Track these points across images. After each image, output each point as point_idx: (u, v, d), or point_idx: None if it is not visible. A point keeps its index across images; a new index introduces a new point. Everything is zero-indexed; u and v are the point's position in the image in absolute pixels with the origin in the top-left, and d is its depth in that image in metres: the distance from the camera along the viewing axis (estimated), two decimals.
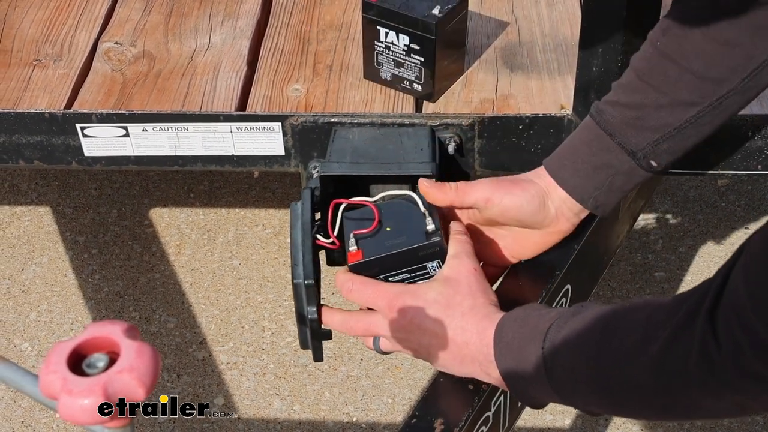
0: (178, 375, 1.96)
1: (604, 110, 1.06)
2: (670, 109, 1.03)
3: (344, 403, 1.91)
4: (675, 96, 1.03)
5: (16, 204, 2.31)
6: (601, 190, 1.06)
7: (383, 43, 1.32)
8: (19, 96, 1.37)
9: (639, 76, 1.05)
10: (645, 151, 1.04)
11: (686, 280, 2.09)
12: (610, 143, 1.05)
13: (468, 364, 0.99)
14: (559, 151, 1.09)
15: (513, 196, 1.05)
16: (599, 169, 1.05)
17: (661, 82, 1.03)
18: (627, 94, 1.05)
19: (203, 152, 1.34)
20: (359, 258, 1.02)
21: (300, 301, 1.03)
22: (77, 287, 2.12)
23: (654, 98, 1.03)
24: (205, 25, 1.50)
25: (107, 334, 0.62)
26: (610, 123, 1.05)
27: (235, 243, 2.21)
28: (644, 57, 1.05)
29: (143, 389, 0.61)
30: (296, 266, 1.03)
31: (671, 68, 1.02)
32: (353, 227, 1.04)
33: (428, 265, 1.03)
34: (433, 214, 1.04)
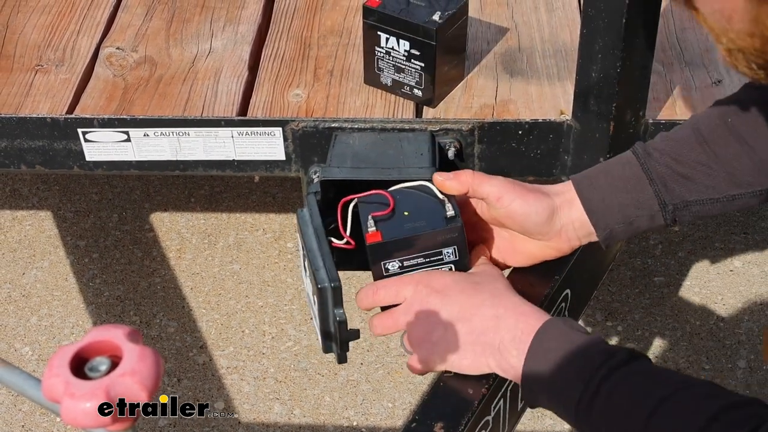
0: (178, 379, 1.96)
1: (652, 155, 1.06)
2: (718, 180, 1.05)
3: (344, 408, 1.92)
4: (729, 171, 1.04)
5: (17, 208, 2.32)
6: (619, 226, 1.07)
7: (384, 48, 1.33)
8: (21, 101, 1.38)
9: (699, 139, 1.06)
10: (676, 207, 1.06)
11: (685, 284, 2.10)
12: (647, 188, 1.05)
13: (482, 351, 0.99)
14: (592, 174, 1.08)
15: (524, 202, 1.05)
16: (627, 207, 1.06)
17: (721, 153, 1.04)
18: (680, 149, 1.06)
19: (204, 157, 1.34)
20: (378, 239, 1.02)
21: (326, 305, 1.03)
22: (78, 291, 2.13)
23: (707, 164, 1.05)
24: (207, 31, 1.50)
25: (110, 337, 0.63)
26: (654, 170, 1.05)
27: (235, 247, 2.21)
28: (709, 124, 1.06)
29: (146, 392, 0.61)
30: (318, 271, 1.03)
31: (735, 145, 1.04)
32: (371, 210, 1.04)
33: (444, 251, 1.04)
34: (451, 201, 1.05)
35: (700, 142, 1.06)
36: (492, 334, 0.98)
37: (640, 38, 1.19)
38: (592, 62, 1.21)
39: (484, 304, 0.99)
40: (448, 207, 1.04)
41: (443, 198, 1.05)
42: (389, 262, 1.03)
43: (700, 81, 1.39)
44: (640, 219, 1.06)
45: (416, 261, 1.03)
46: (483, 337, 0.98)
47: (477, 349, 0.99)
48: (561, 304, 1.25)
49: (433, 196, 1.06)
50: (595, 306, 2.06)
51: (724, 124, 1.05)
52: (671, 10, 1.51)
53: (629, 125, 1.26)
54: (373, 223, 1.03)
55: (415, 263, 1.03)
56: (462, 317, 0.99)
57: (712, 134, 1.06)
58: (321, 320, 1.04)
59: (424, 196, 1.07)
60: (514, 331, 0.96)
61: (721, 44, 0.74)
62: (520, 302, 1.00)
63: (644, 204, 1.06)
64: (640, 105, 1.25)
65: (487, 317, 0.98)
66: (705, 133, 1.06)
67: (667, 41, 1.46)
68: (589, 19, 1.18)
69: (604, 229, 1.07)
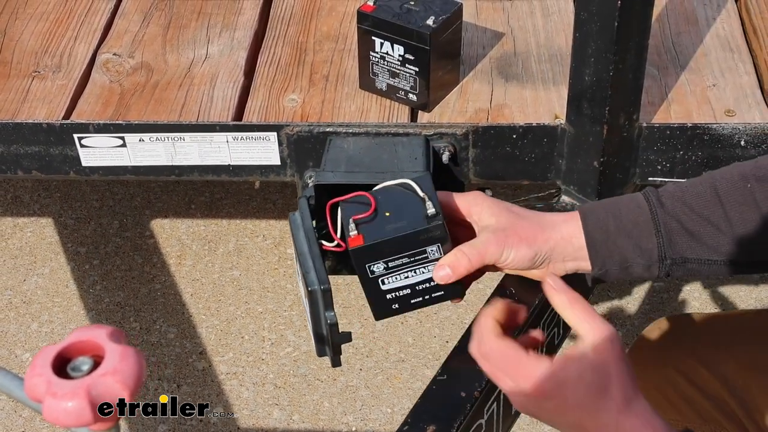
0: (178, 385, 1.96)
1: (664, 205, 1.05)
2: (722, 243, 1.04)
3: (343, 413, 1.92)
4: (736, 236, 1.03)
5: (18, 215, 2.33)
6: (614, 268, 1.06)
7: (378, 53, 1.33)
8: (18, 107, 1.38)
9: (714, 198, 1.04)
10: (674, 261, 1.05)
11: (685, 290, 2.09)
12: (652, 239, 1.05)
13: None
14: (600, 213, 1.06)
15: (518, 253, 1.04)
16: (627, 251, 1.05)
17: (734, 217, 1.03)
18: (694, 205, 1.05)
19: (200, 162, 1.35)
20: (360, 243, 1.02)
21: (317, 308, 1.03)
22: (78, 298, 2.13)
23: (716, 225, 1.04)
24: (203, 37, 1.51)
25: (92, 337, 0.63)
26: (663, 221, 1.04)
27: (235, 253, 2.22)
28: (728, 185, 1.05)
29: (127, 392, 0.61)
30: (308, 274, 1.03)
31: (750, 212, 1.03)
32: (352, 213, 1.04)
33: (428, 249, 1.03)
34: (432, 199, 1.04)
35: (715, 201, 1.04)
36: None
37: (633, 42, 1.19)
38: (585, 66, 1.21)
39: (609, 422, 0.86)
40: (428, 205, 1.03)
41: (423, 196, 1.04)
42: (374, 264, 1.03)
43: (695, 85, 1.39)
44: (636, 266, 1.06)
45: (401, 261, 1.03)
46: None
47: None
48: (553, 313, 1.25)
49: (414, 194, 1.05)
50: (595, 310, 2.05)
51: (744, 188, 1.04)
52: (666, 14, 1.51)
53: (623, 129, 1.26)
54: (355, 227, 1.03)
55: (400, 264, 1.03)
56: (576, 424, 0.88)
57: (729, 196, 1.04)
58: (313, 323, 1.04)
59: (405, 195, 1.06)
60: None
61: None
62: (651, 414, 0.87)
63: (645, 253, 1.05)
64: (633, 109, 1.25)
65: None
66: (722, 194, 1.05)
67: (662, 45, 1.46)
68: (581, 23, 1.19)
69: (600, 268, 1.06)
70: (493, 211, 1.06)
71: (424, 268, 1.05)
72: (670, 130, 1.29)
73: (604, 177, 1.29)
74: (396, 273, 1.04)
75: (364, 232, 1.02)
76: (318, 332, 1.05)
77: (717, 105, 1.35)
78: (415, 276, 1.05)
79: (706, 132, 1.29)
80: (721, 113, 1.33)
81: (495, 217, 1.06)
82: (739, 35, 1.48)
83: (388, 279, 1.05)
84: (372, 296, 1.06)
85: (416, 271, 1.05)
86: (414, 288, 1.06)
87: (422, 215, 1.03)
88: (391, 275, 1.05)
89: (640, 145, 1.30)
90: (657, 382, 1.29)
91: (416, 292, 1.07)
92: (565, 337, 1.31)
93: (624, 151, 1.29)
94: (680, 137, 1.30)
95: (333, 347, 1.05)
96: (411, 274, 1.05)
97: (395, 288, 1.06)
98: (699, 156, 1.31)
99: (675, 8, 1.53)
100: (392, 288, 1.06)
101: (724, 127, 1.29)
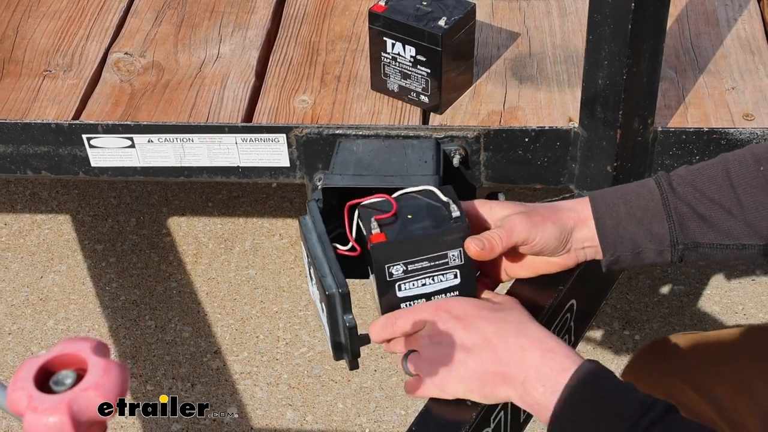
0: (192, 384, 1.96)
1: (675, 190, 1.04)
2: (734, 227, 1.03)
3: (357, 415, 1.90)
4: (748, 219, 1.03)
5: (36, 212, 2.33)
6: (626, 254, 1.05)
7: (390, 54, 1.32)
8: (28, 106, 1.38)
9: (726, 181, 1.03)
10: (686, 246, 1.04)
11: (705, 293, 2.06)
12: (664, 224, 1.03)
13: (503, 381, 0.96)
14: (610, 198, 1.06)
15: (545, 233, 1.03)
16: (638, 237, 1.04)
17: (746, 200, 1.02)
18: (705, 188, 1.04)
19: (209, 163, 1.34)
20: (382, 239, 1.00)
21: (334, 312, 1.01)
22: (95, 295, 2.13)
23: (728, 209, 1.03)
24: (215, 36, 1.50)
25: (76, 351, 0.62)
26: (674, 206, 1.03)
27: (251, 252, 2.21)
28: (740, 168, 1.04)
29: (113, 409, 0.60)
30: (325, 278, 1.01)
31: (765, 197, 1.02)
32: (374, 214, 1.02)
33: (450, 254, 1.01)
34: (456, 202, 1.02)
35: (727, 185, 1.03)
36: (516, 367, 0.95)
37: (648, 45, 1.16)
38: (599, 69, 1.19)
39: (509, 333, 0.97)
40: (453, 208, 1.01)
41: (447, 200, 1.03)
42: (393, 265, 1.01)
43: (713, 88, 1.36)
44: (648, 251, 1.05)
45: (421, 265, 1.01)
46: (506, 368, 0.96)
47: (498, 379, 0.96)
48: (566, 315, 1.23)
49: (437, 200, 1.04)
50: (613, 314, 2.03)
51: (756, 170, 1.03)
52: (686, 15, 1.49)
53: (637, 133, 1.24)
54: (377, 226, 1.01)
55: (420, 267, 1.01)
56: (486, 346, 0.97)
57: (741, 179, 1.03)
58: (331, 327, 1.03)
59: (427, 201, 1.05)
60: (540, 368, 0.94)
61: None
62: (545, 335, 0.97)
63: (656, 238, 1.04)
64: (648, 113, 1.23)
65: (513, 348, 0.96)
66: (734, 177, 1.03)
67: (681, 46, 1.43)
68: (594, 25, 1.16)
69: (612, 254, 1.05)
70: (504, 205, 1.06)
71: (442, 276, 1.03)
72: (686, 135, 1.27)
73: (617, 182, 1.26)
74: (414, 278, 1.02)
75: (386, 231, 1.01)
76: (336, 336, 1.03)
77: (735, 108, 1.32)
78: (433, 284, 1.04)
79: (723, 137, 1.27)
80: (740, 117, 1.30)
81: (508, 208, 1.05)
82: (761, 36, 1.45)
83: (405, 285, 1.03)
84: (385, 303, 1.04)
85: (434, 278, 1.03)
86: (430, 299, 1.04)
87: (446, 217, 1.01)
88: (408, 280, 1.03)
89: (655, 150, 1.28)
90: None
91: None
92: (576, 344, 1.29)
93: (638, 155, 1.26)
94: (696, 142, 1.27)
95: (351, 350, 1.03)
96: (429, 281, 1.03)
97: (411, 296, 1.04)
98: None
99: (695, 8, 1.50)
100: (408, 296, 1.04)
101: (741, 132, 1.26)
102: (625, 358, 1.95)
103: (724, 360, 1.26)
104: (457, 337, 0.98)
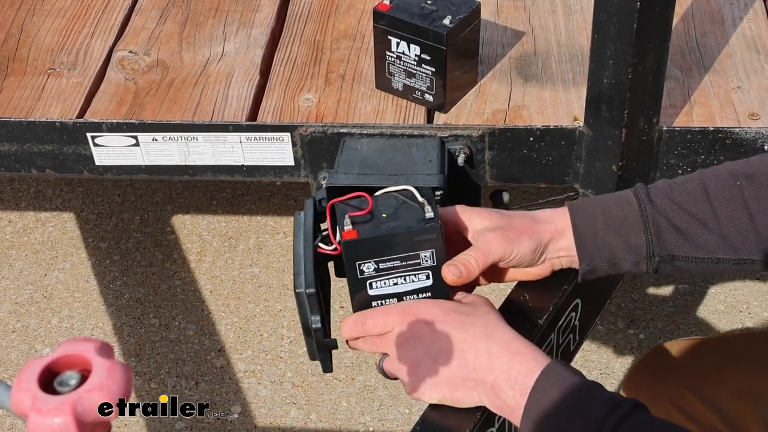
0: (196, 382, 1.96)
1: (654, 202, 1.05)
2: (710, 240, 1.04)
3: (361, 413, 1.90)
4: (723, 234, 1.04)
5: (40, 210, 2.33)
6: (602, 264, 1.06)
7: (394, 53, 1.31)
8: (32, 105, 1.38)
9: (703, 195, 1.05)
10: (662, 258, 1.05)
11: (710, 292, 2.06)
12: (641, 236, 1.04)
13: (474, 386, 0.97)
14: (589, 209, 1.07)
15: (520, 248, 1.04)
16: (615, 248, 1.05)
17: (722, 214, 1.03)
18: (682, 202, 1.05)
19: (213, 162, 1.34)
20: (354, 236, 1.00)
21: (304, 311, 1.02)
22: (99, 293, 2.14)
23: (704, 222, 1.04)
24: (220, 34, 1.50)
25: (80, 351, 0.62)
26: (652, 218, 1.04)
27: (255, 251, 2.21)
28: (717, 183, 1.05)
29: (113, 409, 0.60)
30: (298, 276, 1.03)
31: (737, 210, 1.03)
32: (348, 211, 1.03)
33: (422, 254, 1.02)
34: (431, 203, 1.03)
35: (704, 198, 1.05)
36: (485, 372, 0.96)
37: (653, 44, 1.16)
38: (604, 68, 1.18)
39: (477, 339, 0.97)
40: (427, 209, 1.02)
41: (422, 201, 1.03)
42: (364, 263, 1.01)
43: (718, 87, 1.35)
44: (624, 262, 1.06)
45: (392, 264, 1.02)
46: (474, 374, 0.96)
47: (468, 384, 0.97)
48: (571, 314, 1.23)
49: (414, 200, 1.04)
50: (617, 313, 2.03)
51: (733, 185, 1.04)
52: (692, 13, 1.48)
53: (642, 132, 1.23)
54: (350, 223, 1.01)
55: (391, 266, 1.02)
56: (453, 351, 0.97)
57: (717, 193, 1.04)
58: (303, 327, 1.03)
59: (404, 201, 1.05)
60: (509, 372, 0.95)
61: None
62: (512, 338, 0.98)
63: (633, 250, 1.05)
64: (653, 112, 1.23)
65: (480, 353, 0.96)
66: (711, 191, 1.05)
67: (686, 45, 1.43)
68: (599, 24, 1.16)
69: (588, 264, 1.06)
70: (483, 215, 1.06)
71: (414, 276, 1.03)
72: (691, 134, 1.27)
73: (622, 181, 1.26)
74: (386, 277, 1.02)
75: (359, 228, 1.01)
76: (308, 335, 1.04)
77: (741, 108, 1.32)
78: (404, 284, 1.04)
79: (729, 136, 1.26)
80: (745, 116, 1.30)
81: (486, 220, 1.06)
82: (767, 36, 1.44)
83: (377, 283, 1.03)
84: (357, 300, 1.05)
85: (406, 278, 1.03)
86: (401, 298, 1.04)
87: (420, 218, 1.02)
88: (380, 278, 1.03)
89: (661, 149, 1.27)
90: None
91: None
92: (580, 344, 1.29)
93: (643, 155, 1.26)
94: (702, 141, 1.27)
95: (320, 352, 1.04)
96: (401, 280, 1.03)
97: (382, 295, 1.04)
98: (721, 161, 1.28)
99: (700, 7, 1.50)
100: (379, 294, 1.04)
101: (747, 132, 1.26)
102: (629, 357, 1.95)
103: (726, 367, 1.26)
104: (425, 342, 0.99)
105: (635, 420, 0.88)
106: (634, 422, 0.88)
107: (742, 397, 1.20)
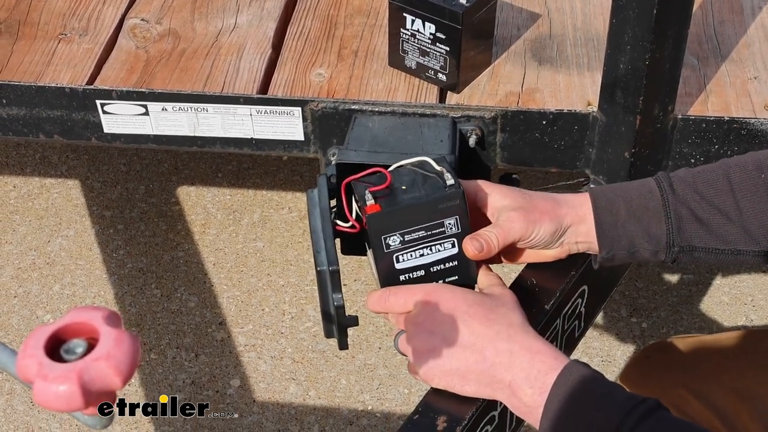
0: (196, 354, 1.96)
1: (676, 191, 1.04)
2: (731, 232, 1.03)
3: (360, 391, 1.90)
4: (746, 226, 1.03)
5: (45, 176, 2.32)
6: (622, 252, 1.05)
7: (409, 30, 1.30)
8: (42, 70, 1.37)
9: (726, 186, 1.03)
10: (682, 249, 1.04)
11: (715, 283, 2.05)
12: (662, 225, 1.03)
13: (489, 383, 0.96)
14: (611, 196, 1.05)
15: (541, 230, 1.03)
16: (635, 236, 1.04)
17: (745, 206, 1.02)
18: (705, 192, 1.04)
19: (222, 134, 1.33)
20: (377, 210, 1.00)
21: (325, 289, 1.01)
22: (101, 262, 2.13)
23: (726, 214, 1.03)
24: (233, 5, 1.48)
25: (88, 319, 0.61)
26: (673, 208, 1.03)
27: (260, 225, 2.20)
28: (742, 174, 1.04)
29: (120, 378, 0.59)
30: (318, 253, 1.02)
31: (762, 202, 1.02)
32: (368, 187, 1.02)
33: (446, 222, 1.01)
34: (450, 171, 1.02)
35: (727, 189, 1.03)
36: (503, 370, 0.95)
37: (672, 31, 1.14)
38: (621, 53, 1.17)
39: (498, 337, 0.96)
40: (447, 176, 1.01)
41: (441, 169, 1.02)
42: (390, 236, 1.01)
43: (735, 77, 1.34)
44: (643, 251, 1.05)
45: (418, 235, 1.01)
46: (492, 370, 0.96)
47: (483, 380, 0.96)
48: (577, 300, 1.22)
49: (431, 170, 1.04)
50: (621, 301, 2.02)
51: (758, 177, 1.03)
52: (710, 2, 1.47)
53: (657, 120, 1.22)
54: (372, 197, 1.01)
55: (417, 237, 1.01)
56: (473, 346, 0.96)
57: (741, 185, 1.03)
58: (321, 303, 1.03)
59: (422, 172, 1.05)
60: (529, 370, 0.94)
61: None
62: (534, 338, 0.97)
63: (653, 239, 1.04)
64: (669, 100, 1.21)
65: (501, 351, 0.95)
66: (735, 182, 1.03)
67: (704, 33, 1.41)
68: (619, 9, 1.14)
69: (608, 251, 1.05)
70: (504, 193, 1.05)
71: (440, 245, 1.03)
72: (706, 123, 1.25)
73: (634, 168, 1.25)
74: (412, 249, 1.02)
75: (381, 202, 1.00)
76: (326, 312, 1.03)
77: (757, 98, 1.30)
78: (431, 254, 1.03)
79: (744, 127, 1.25)
80: (761, 107, 1.29)
81: (508, 198, 1.05)
82: None
83: (404, 256, 1.03)
84: (384, 275, 1.04)
85: (432, 248, 1.03)
86: (428, 269, 1.04)
87: (440, 186, 1.01)
88: (406, 251, 1.02)
89: (674, 138, 1.26)
90: None
91: (430, 274, 1.04)
92: (585, 329, 1.29)
93: (657, 142, 1.25)
94: (716, 131, 1.26)
95: (339, 329, 1.03)
96: (426, 251, 1.03)
97: (410, 268, 1.04)
98: (735, 151, 1.27)
99: None
100: (407, 267, 1.04)
101: (762, 123, 1.25)
102: (631, 346, 1.94)
103: (724, 366, 1.25)
104: (444, 330, 0.98)
105: (657, 417, 0.88)
106: (656, 419, 0.88)
107: (738, 396, 1.20)
